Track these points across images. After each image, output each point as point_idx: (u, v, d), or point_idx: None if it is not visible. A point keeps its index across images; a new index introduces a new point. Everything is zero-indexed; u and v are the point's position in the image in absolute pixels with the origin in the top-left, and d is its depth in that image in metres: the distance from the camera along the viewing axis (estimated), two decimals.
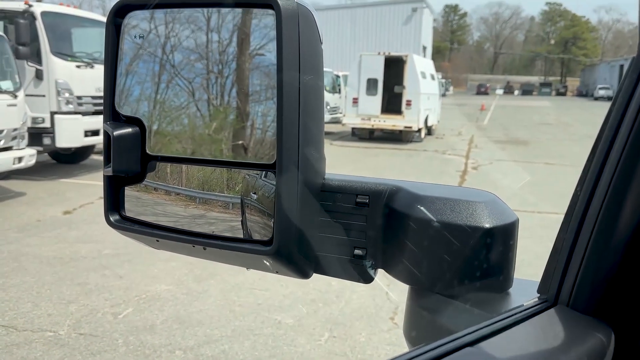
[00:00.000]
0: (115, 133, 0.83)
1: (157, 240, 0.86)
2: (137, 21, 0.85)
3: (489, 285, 0.75)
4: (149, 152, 0.84)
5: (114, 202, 0.90)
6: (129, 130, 0.83)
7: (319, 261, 0.81)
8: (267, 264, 0.78)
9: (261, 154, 0.76)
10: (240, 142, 0.78)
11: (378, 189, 0.79)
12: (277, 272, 0.81)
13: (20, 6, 11.25)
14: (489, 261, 0.74)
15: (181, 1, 0.82)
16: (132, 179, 0.87)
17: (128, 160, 0.84)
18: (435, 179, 13.05)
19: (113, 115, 0.86)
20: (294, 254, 0.77)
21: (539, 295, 0.76)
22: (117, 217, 0.90)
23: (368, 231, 0.79)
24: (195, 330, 4.93)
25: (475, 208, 0.75)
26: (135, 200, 0.89)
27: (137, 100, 0.85)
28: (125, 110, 0.85)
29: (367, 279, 0.81)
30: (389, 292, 5.65)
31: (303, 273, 0.80)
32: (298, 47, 0.72)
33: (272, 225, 0.76)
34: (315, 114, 0.76)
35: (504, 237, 0.75)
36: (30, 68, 11.07)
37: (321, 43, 0.77)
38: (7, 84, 9.82)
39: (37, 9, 11.26)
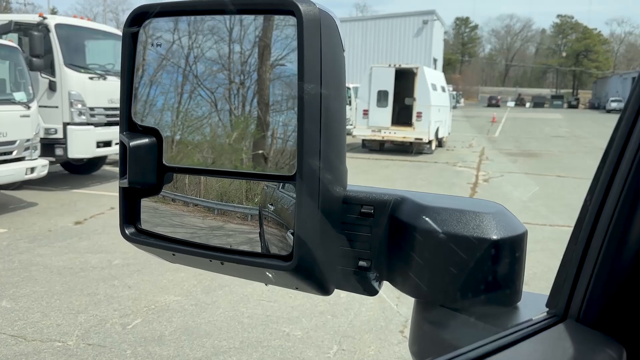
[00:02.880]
0: (132, 143, 0.80)
1: (173, 254, 0.84)
2: (154, 29, 0.83)
3: (497, 298, 0.73)
4: (166, 163, 0.82)
5: (129, 214, 0.87)
6: (145, 140, 0.81)
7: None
8: (287, 279, 0.76)
9: (281, 164, 0.75)
10: (260, 151, 0.77)
11: (383, 199, 0.77)
12: (296, 288, 0.79)
13: (34, 18, 11.40)
14: (497, 274, 0.72)
15: (199, 8, 0.80)
16: (148, 190, 0.84)
17: (144, 171, 0.82)
18: (445, 190, 12.99)
19: (129, 126, 0.84)
20: (315, 270, 0.74)
21: (547, 309, 0.74)
22: (132, 230, 0.87)
23: (372, 242, 0.77)
24: (204, 341, 4.91)
25: (482, 219, 0.73)
26: (152, 213, 0.86)
27: (154, 110, 0.83)
28: (141, 120, 0.83)
29: (372, 292, 0.79)
30: (396, 306, 5.61)
31: (324, 289, 0.78)
32: (320, 55, 0.70)
33: (291, 238, 0.74)
34: (337, 124, 0.74)
35: (511, 249, 0.73)
36: (43, 79, 11.19)
37: (343, 51, 0.76)
38: (20, 95, 9.92)
39: (52, 21, 11.40)
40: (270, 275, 0.77)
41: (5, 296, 5.87)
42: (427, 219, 0.74)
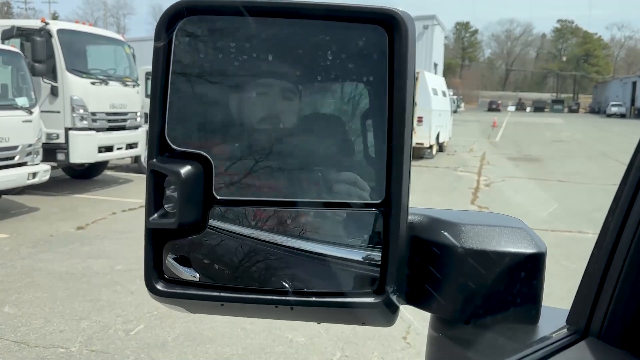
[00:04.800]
0: (184, 172, 0.66)
1: (222, 305, 0.70)
2: (197, 28, 0.68)
3: (517, 315, 0.72)
4: (217, 195, 0.68)
5: (158, 263, 0.71)
6: (190, 168, 0.67)
7: None
8: (362, 315, 0.69)
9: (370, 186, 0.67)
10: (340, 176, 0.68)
11: None
12: (363, 323, 0.72)
13: (37, 24, 11.42)
14: (518, 291, 0.71)
15: (260, 8, 0.67)
16: (186, 230, 0.69)
17: (192, 206, 0.67)
18: (447, 195, 12.98)
19: (162, 148, 0.68)
20: (400, 302, 0.70)
21: (567, 325, 0.73)
22: (161, 282, 0.71)
23: None
24: (207, 347, 4.90)
25: (503, 235, 0.73)
26: (185, 256, 0.71)
27: (197, 129, 0.69)
28: (179, 141, 0.68)
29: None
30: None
31: (392, 321, 0.72)
32: (414, 71, 0.66)
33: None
34: (411, 142, 0.69)
35: (533, 266, 0.72)
36: (45, 85, 11.21)
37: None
38: (22, 100, 9.92)
39: (54, 26, 11.42)
40: (337, 313, 0.69)
41: (7, 302, 5.86)
42: (445, 233, 0.74)
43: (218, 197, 0.68)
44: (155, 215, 0.67)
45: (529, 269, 0.72)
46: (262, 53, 0.67)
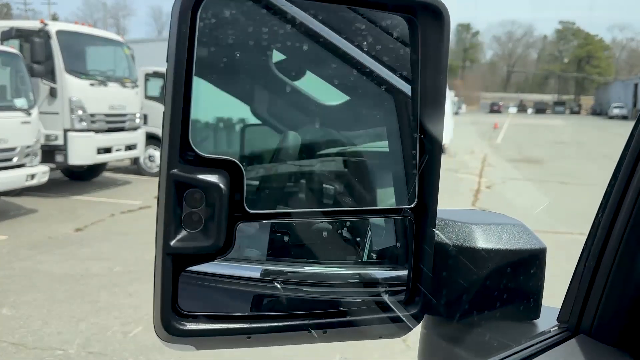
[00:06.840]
0: (223, 184, 0.55)
1: (248, 337, 0.65)
2: (226, 9, 0.56)
3: (516, 313, 0.71)
4: (249, 209, 0.57)
5: (175, 296, 0.61)
6: (222, 178, 0.56)
7: None
8: (385, 330, 0.66)
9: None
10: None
11: None
12: (381, 337, 0.69)
13: (35, 25, 11.44)
14: (515, 289, 0.70)
15: None
16: (211, 254, 0.59)
17: (224, 224, 0.57)
18: (447, 198, 12.96)
19: (184, 154, 0.55)
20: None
21: (558, 323, 0.71)
22: (179, 321, 0.63)
23: None
24: (206, 350, 4.87)
25: (500, 233, 0.71)
26: (200, 286, 0.62)
27: (223, 129, 0.60)
28: (203, 145, 0.57)
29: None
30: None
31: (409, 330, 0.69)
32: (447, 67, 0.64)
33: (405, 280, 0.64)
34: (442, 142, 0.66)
35: (531, 264, 0.70)
36: (44, 86, 11.21)
37: None
38: (21, 102, 9.92)
39: (53, 27, 11.42)
40: (381, 329, 0.66)
41: (5, 304, 5.84)
42: (438, 232, 0.72)
43: (250, 211, 0.58)
44: (180, 236, 0.56)
45: (528, 268, 0.70)
46: (298, 41, 0.59)
